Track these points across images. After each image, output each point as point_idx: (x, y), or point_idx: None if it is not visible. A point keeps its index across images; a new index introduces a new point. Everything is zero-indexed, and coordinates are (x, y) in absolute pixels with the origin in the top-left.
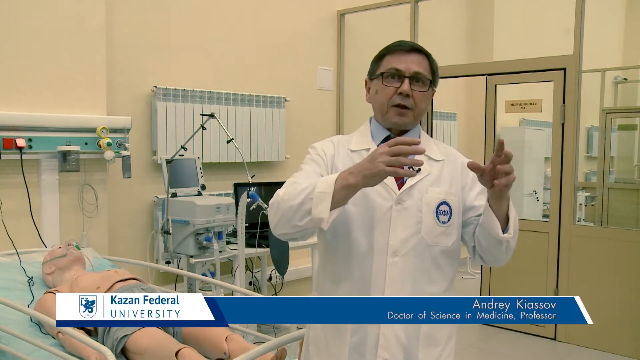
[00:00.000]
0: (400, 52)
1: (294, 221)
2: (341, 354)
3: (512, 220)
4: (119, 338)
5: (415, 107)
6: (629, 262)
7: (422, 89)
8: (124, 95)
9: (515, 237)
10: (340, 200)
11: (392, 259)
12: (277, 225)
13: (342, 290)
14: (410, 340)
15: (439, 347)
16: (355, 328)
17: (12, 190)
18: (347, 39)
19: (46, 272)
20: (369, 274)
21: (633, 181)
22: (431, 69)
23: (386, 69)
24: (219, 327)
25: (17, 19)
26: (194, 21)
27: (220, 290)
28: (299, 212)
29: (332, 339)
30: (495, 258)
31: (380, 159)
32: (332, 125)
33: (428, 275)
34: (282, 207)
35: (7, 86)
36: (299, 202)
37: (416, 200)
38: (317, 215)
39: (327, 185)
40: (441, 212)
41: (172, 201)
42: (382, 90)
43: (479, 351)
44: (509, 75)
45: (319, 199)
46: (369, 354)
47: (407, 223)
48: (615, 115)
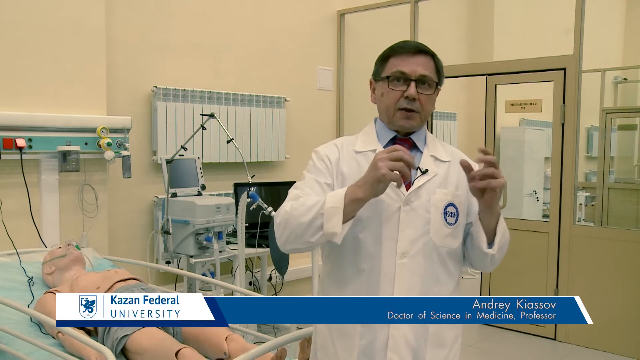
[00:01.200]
0: (406, 54)
1: (306, 237)
2: (350, 357)
3: (499, 237)
4: (119, 338)
5: (422, 110)
6: (629, 262)
7: (428, 91)
8: (124, 95)
9: (500, 252)
10: (350, 214)
11: (400, 260)
12: (287, 242)
13: (348, 292)
14: (419, 342)
15: (446, 348)
16: (363, 331)
17: (12, 190)
18: (347, 39)
19: (46, 272)
20: (377, 276)
21: (633, 181)
22: (437, 69)
23: (392, 72)
24: (219, 327)
25: (17, 19)
26: (194, 21)
27: (220, 290)
28: (310, 228)
29: (339, 343)
30: (481, 266)
31: (381, 164)
32: (332, 125)
33: (436, 277)
34: (292, 223)
35: (7, 86)
36: (310, 219)
37: (424, 202)
38: (329, 230)
39: (337, 200)
40: (449, 213)
41: (172, 201)
42: (388, 93)
43: (479, 351)
44: (509, 75)
45: (330, 214)
46: (378, 357)
47: (416, 224)
48: (615, 115)
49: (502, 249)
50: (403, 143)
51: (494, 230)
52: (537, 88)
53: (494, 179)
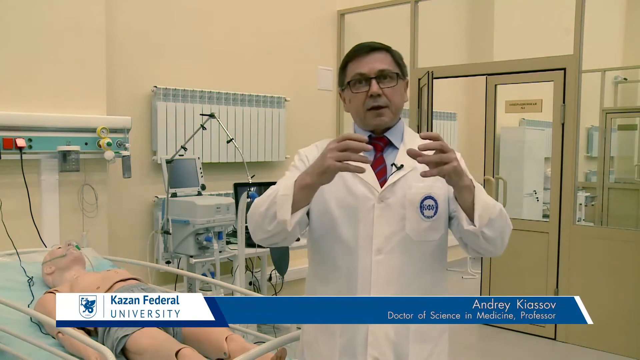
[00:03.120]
0: (360, 56)
1: (264, 226)
2: (332, 355)
3: (479, 210)
4: (119, 338)
5: (391, 103)
6: (629, 262)
7: (391, 84)
8: (124, 95)
9: (492, 228)
10: (301, 201)
11: (376, 257)
12: (254, 232)
13: (329, 289)
14: (400, 338)
15: (430, 343)
16: (343, 328)
17: (12, 190)
18: (347, 39)
19: (46, 272)
20: (354, 273)
21: (633, 181)
22: (395, 61)
23: (352, 77)
24: (219, 327)
25: (17, 19)
26: (194, 21)
27: (220, 290)
28: (266, 217)
29: (323, 341)
30: (481, 249)
31: (329, 155)
32: (332, 125)
33: (416, 271)
34: (254, 213)
35: (7, 86)
36: (265, 208)
37: (399, 197)
38: (280, 217)
39: (287, 187)
40: (426, 206)
41: (172, 201)
42: (354, 97)
43: (479, 351)
44: (509, 75)
45: (282, 202)
46: (359, 354)
47: (391, 220)
48: (615, 115)
49: (492, 224)
50: (378, 142)
51: (472, 205)
52: (537, 88)
53: (445, 165)
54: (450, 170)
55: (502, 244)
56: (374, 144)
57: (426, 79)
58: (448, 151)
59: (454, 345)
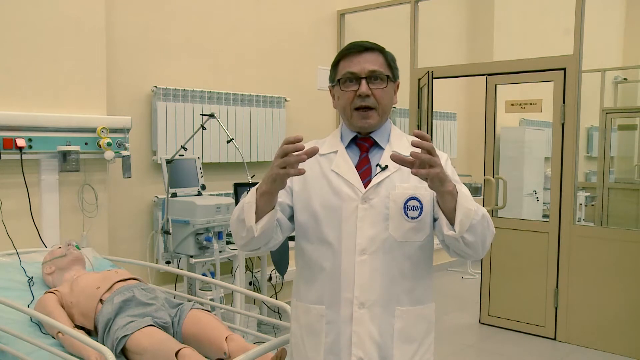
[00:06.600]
0: (353, 54)
1: (240, 233)
2: (317, 355)
3: (460, 216)
4: (119, 338)
5: (379, 105)
6: (629, 262)
7: (380, 85)
8: (124, 95)
9: (473, 234)
10: (264, 207)
11: (360, 257)
12: (235, 239)
13: (314, 290)
14: (384, 338)
15: (415, 344)
16: (328, 328)
17: (12, 190)
18: (347, 39)
19: (46, 272)
20: (338, 273)
21: (633, 181)
22: (387, 63)
23: (342, 75)
24: (219, 327)
25: (17, 19)
26: (194, 21)
27: (220, 290)
28: (239, 224)
29: (308, 342)
30: (462, 252)
31: (275, 163)
32: (332, 125)
33: (400, 271)
34: (232, 221)
35: (7, 86)
36: (237, 215)
37: (383, 198)
38: (247, 224)
39: (251, 194)
40: (410, 207)
41: (172, 201)
42: (342, 95)
43: (479, 351)
44: (509, 75)
45: (248, 209)
46: (344, 354)
47: (374, 221)
48: (615, 115)
49: (473, 229)
50: (363, 142)
51: (454, 210)
52: (537, 88)
53: (431, 169)
54: (433, 175)
55: (483, 249)
56: (360, 145)
57: (426, 79)
58: (435, 155)
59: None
